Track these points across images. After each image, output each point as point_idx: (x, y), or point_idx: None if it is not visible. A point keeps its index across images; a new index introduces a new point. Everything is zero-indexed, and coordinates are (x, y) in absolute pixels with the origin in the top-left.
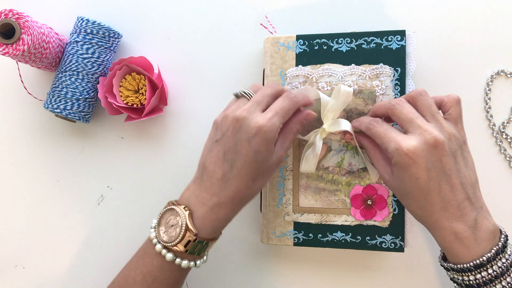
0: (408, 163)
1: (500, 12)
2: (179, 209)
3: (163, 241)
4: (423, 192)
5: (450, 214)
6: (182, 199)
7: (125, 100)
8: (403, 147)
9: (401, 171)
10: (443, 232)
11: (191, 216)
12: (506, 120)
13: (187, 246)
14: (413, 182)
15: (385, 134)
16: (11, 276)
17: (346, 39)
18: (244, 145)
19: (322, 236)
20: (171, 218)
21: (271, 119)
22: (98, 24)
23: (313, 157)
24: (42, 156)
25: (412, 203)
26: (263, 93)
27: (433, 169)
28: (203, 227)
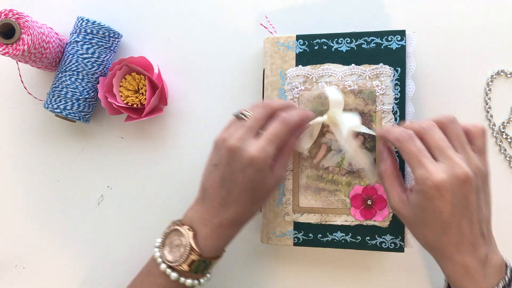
0: (435, 195)
1: (500, 12)
2: (184, 230)
3: (168, 261)
4: (443, 226)
5: (464, 248)
6: (186, 219)
7: (125, 100)
8: (433, 178)
9: (424, 201)
10: (454, 265)
11: (195, 236)
12: (506, 120)
13: (191, 265)
14: (435, 215)
15: (417, 155)
16: (11, 276)
17: (346, 39)
18: (239, 175)
19: (322, 236)
20: (175, 238)
21: (264, 148)
22: (98, 24)
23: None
24: (42, 156)
25: (428, 233)
26: (256, 117)
27: (458, 205)
28: (206, 247)
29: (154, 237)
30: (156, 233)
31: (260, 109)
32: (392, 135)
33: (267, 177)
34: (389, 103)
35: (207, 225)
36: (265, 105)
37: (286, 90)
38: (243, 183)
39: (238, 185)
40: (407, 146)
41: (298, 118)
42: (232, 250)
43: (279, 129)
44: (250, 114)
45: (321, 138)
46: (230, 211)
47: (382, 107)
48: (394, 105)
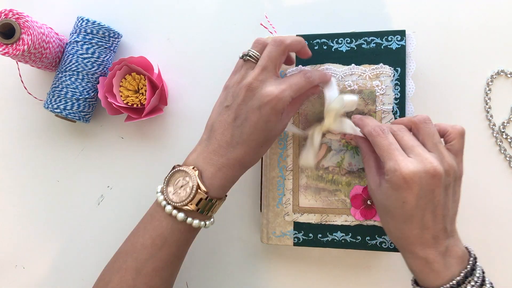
0: (402, 186)
1: (500, 12)
2: (189, 170)
3: (173, 201)
4: (406, 216)
5: (424, 241)
6: (189, 160)
7: (125, 100)
8: (402, 169)
9: (391, 190)
10: (414, 257)
11: (200, 175)
12: (506, 120)
13: (198, 204)
14: (399, 204)
15: (388, 148)
16: (11, 276)
17: (346, 39)
18: (255, 113)
19: (322, 236)
20: (180, 179)
21: (284, 91)
22: (98, 24)
23: (312, 150)
24: (42, 156)
25: (390, 221)
26: (270, 56)
27: (423, 198)
28: (212, 186)
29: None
30: None
31: (273, 47)
32: (366, 128)
33: (279, 122)
34: (389, 103)
35: (213, 164)
36: (276, 42)
37: None
38: (257, 122)
39: (252, 123)
40: (379, 140)
41: (318, 79)
42: (232, 250)
43: (301, 82)
44: (255, 54)
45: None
46: (237, 150)
47: (382, 107)
48: (394, 105)
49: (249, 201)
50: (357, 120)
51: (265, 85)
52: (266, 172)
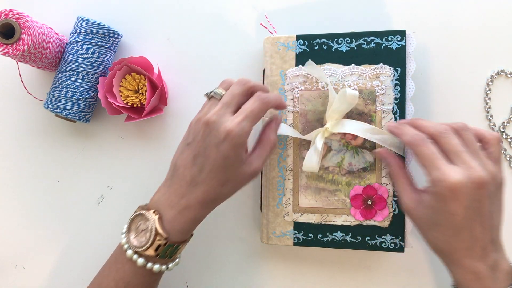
0: (449, 198)
1: (500, 12)
2: (149, 214)
3: (134, 246)
4: (455, 229)
5: (474, 253)
6: (152, 202)
7: (125, 100)
8: (449, 179)
9: (437, 203)
10: (464, 270)
11: (160, 220)
12: (506, 120)
13: (157, 250)
14: (449, 217)
15: (430, 157)
16: (11, 276)
17: (346, 39)
18: (213, 150)
19: (322, 236)
20: (141, 223)
21: (240, 123)
22: (98, 24)
23: (316, 156)
24: (42, 156)
25: (438, 236)
26: (232, 93)
27: (471, 209)
28: (173, 230)
29: None
30: None
31: (237, 86)
32: (405, 137)
33: (241, 158)
34: (389, 103)
35: (173, 207)
36: (241, 82)
37: (286, 90)
38: (216, 159)
39: (211, 161)
40: (422, 149)
41: (274, 100)
42: (232, 250)
43: (256, 106)
44: (220, 91)
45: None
46: (197, 190)
47: (382, 107)
48: (394, 105)
49: (249, 201)
50: (393, 128)
51: (222, 120)
52: (266, 172)
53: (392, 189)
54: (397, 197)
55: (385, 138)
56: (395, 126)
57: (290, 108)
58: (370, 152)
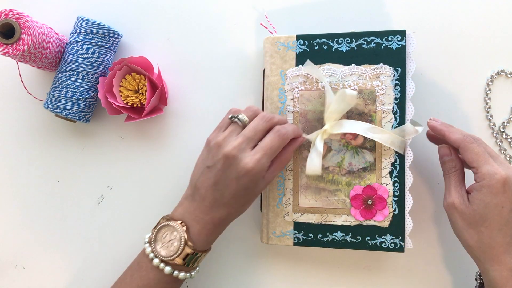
0: (500, 190)
1: (500, 12)
2: (176, 225)
3: (161, 255)
4: (503, 222)
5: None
6: (177, 214)
7: (125, 100)
8: (501, 172)
9: (488, 196)
10: (501, 267)
11: (188, 230)
12: (506, 120)
13: (185, 259)
14: (497, 210)
15: (483, 154)
16: (11, 276)
17: (346, 39)
18: (233, 182)
19: (322, 236)
20: (168, 234)
21: (259, 160)
22: (98, 24)
23: (318, 159)
24: (42, 156)
25: (485, 231)
26: (256, 129)
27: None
28: (198, 241)
29: None
30: None
31: (261, 122)
32: (456, 135)
33: (259, 183)
34: (389, 103)
35: (199, 222)
36: (265, 117)
37: (286, 90)
38: (237, 190)
39: (231, 190)
40: (474, 146)
41: (292, 133)
42: (232, 250)
43: (276, 142)
44: (245, 119)
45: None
46: (221, 211)
47: (382, 107)
48: (394, 105)
49: None
50: (440, 125)
51: (242, 156)
52: None
53: (392, 189)
54: (445, 192)
55: (385, 137)
56: (441, 124)
57: (290, 108)
58: (370, 152)
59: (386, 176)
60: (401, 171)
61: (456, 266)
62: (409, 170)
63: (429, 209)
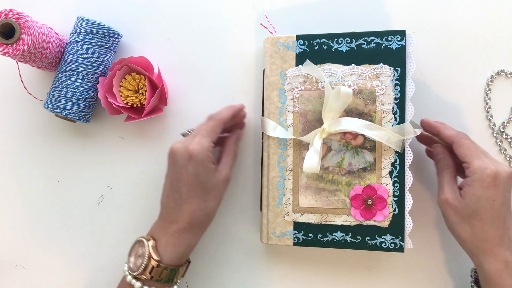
0: (491, 184)
1: (500, 12)
2: (144, 240)
3: (132, 271)
4: (494, 215)
5: (504, 243)
6: (149, 231)
7: (125, 100)
8: (491, 167)
9: (479, 190)
10: (495, 259)
11: (155, 245)
12: (506, 120)
13: (151, 273)
14: (489, 203)
15: (475, 149)
16: (11, 276)
17: (346, 39)
18: (183, 172)
19: (322, 236)
20: (139, 249)
21: (198, 142)
22: (98, 24)
23: (316, 157)
24: (42, 156)
25: (477, 224)
26: (199, 128)
27: (506, 197)
28: (166, 253)
29: None
30: None
31: (203, 123)
32: (450, 131)
33: (210, 171)
34: (389, 103)
35: (166, 232)
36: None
37: (286, 90)
38: (188, 179)
39: (185, 182)
40: (467, 142)
41: (225, 112)
42: (231, 250)
43: (210, 124)
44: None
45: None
46: (184, 211)
47: (382, 107)
48: (394, 105)
49: (249, 201)
50: (435, 122)
51: (183, 146)
52: (266, 172)
53: (392, 189)
54: (438, 189)
55: (382, 134)
56: (435, 122)
57: (290, 108)
58: (370, 152)
59: (386, 176)
60: (401, 171)
61: (456, 266)
62: (409, 170)
63: (429, 209)
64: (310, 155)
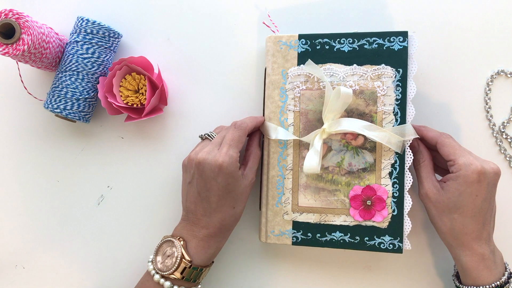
0: (475, 180)
1: (500, 12)
2: (175, 240)
3: (161, 270)
4: (475, 210)
5: (482, 237)
6: (176, 231)
7: (125, 100)
8: (476, 163)
9: (463, 185)
10: (472, 252)
11: (185, 245)
12: (506, 120)
13: (183, 273)
14: (471, 198)
15: (459, 147)
16: (11, 276)
17: (348, 39)
18: (213, 183)
19: (321, 235)
20: (168, 249)
21: (226, 153)
22: (98, 24)
23: (316, 158)
24: (42, 156)
25: (458, 218)
26: (221, 135)
27: (489, 193)
28: (196, 255)
29: (155, 237)
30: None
31: (224, 130)
32: (433, 132)
33: (239, 180)
34: (390, 104)
35: (196, 236)
36: (231, 125)
37: (288, 89)
38: (218, 190)
39: (215, 193)
40: (450, 141)
41: (249, 122)
42: (230, 248)
43: (235, 133)
44: (214, 134)
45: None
46: (215, 219)
47: (383, 108)
48: (395, 106)
49: (248, 199)
50: (418, 126)
51: (211, 156)
52: (266, 171)
53: (391, 190)
54: (419, 184)
55: (382, 135)
56: (418, 125)
57: (291, 107)
58: (370, 153)
59: (386, 177)
60: (401, 172)
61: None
62: (408, 172)
63: None
64: (310, 155)
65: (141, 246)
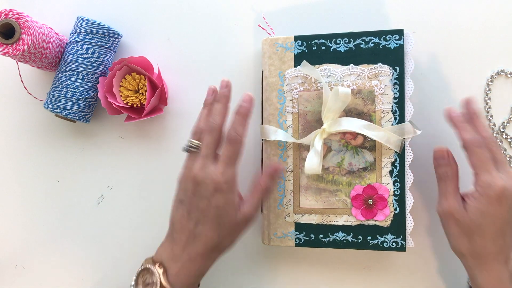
0: (496, 201)
1: (500, 12)
2: (154, 268)
3: None
4: (496, 232)
5: (501, 259)
6: (157, 256)
7: (125, 100)
8: (498, 183)
9: (485, 206)
10: (491, 274)
11: (165, 273)
12: (506, 120)
13: None
14: (492, 220)
15: (486, 162)
16: (11, 276)
17: (344, 39)
18: (205, 203)
19: (324, 236)
20: (147, 277)
21: (223, 173)
22: (98, 24)
23: (317, 158)
24: (42, 156)
25: (478, 240)
26: (207, 145)
27: (510, 214)
28: (177, 283)
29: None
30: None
31: (207, 136)
32: (467, 135)
33: (233, 205)
34: (388, 103)
35: (177, 260)
36: (211, 128)
37: (285, 91)
38: (209, 211)
39: (205, 213)
40: (480, 152)
41: (243, 131)
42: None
43: (230, 149)
44: (195, 143)
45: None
46: (198, 242)
47: (381, 107)
48: (394, 105)
49: None
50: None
51: (207, 173)
52: None
53: (392, 189)
54: (440, 197)
55: (381, 134)
56: (457, 120)
57: (289, 109)
58: (370, 152)
59: (387, 176)
60: (401, 170)
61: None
62: (409, 169)
63: (430, 207)
64: (311, 156)
65: (141, 246)
